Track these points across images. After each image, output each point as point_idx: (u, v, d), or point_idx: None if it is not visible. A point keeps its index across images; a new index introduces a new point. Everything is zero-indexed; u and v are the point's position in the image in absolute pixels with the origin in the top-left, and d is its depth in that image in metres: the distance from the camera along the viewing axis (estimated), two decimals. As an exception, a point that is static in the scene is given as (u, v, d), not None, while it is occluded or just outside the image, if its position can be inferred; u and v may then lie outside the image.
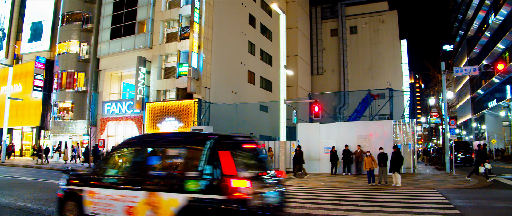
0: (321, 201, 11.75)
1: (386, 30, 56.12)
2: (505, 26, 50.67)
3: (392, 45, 55.68)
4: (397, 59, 55.63)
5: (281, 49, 18.88)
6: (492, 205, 10.70)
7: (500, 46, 52.00)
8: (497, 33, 54.75)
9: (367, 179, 17.08)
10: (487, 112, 61.42)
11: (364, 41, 56.63)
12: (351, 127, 23.18)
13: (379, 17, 56.65)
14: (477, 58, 66.85)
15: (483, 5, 59.76)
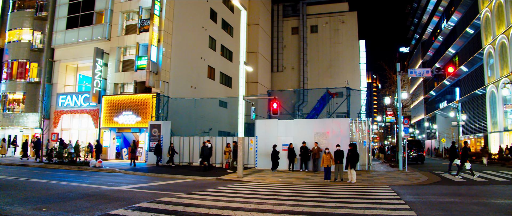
0: (278, 197, 11.86)
1: (346, 31, 57.36)
2: (455, 32, 53.09)
3: (351, 45, 56.97)
4: (355, 59, 56.96)
5: (241, 45, 18.85)
6: (438, 200, 11.19)
7: (451, 50, 54.44)
8: (448, 38, 57.29)
9: (324, 175, 17.42)
10: (438, 112, 64.14)
11: (324, 40, 57.61)
12: (309, 124, 23.52)
13: (340, 17, 57.79)
14: (430, 61, 69.63)
15: (436, 11, 62.35)
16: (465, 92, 50.42)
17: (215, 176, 18.69)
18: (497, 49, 38.56)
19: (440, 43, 62.06)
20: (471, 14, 46.72)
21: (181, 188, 14.00)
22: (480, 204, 10.39)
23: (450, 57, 56.93)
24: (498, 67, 38.38)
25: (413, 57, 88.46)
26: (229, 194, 12.62)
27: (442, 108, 61.88)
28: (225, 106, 39.60)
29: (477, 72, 45.78)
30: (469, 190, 13.81)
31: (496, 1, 38.47)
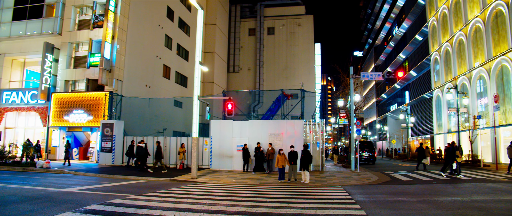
0: (232, 198, 11.89)
1: (302, 33, 58.27)
2: (406, 38, 55.29)
3: (307, 48, 57.92)
4: (310, 61, 57.96)
5: (197, 44, 18.72)
6: (387, 199, 11.63)
7: (402, 55, 56.67)
8: (399, 44, 59.58)
9: (278, 176, 17.62)
10: (389, 114, 66.46)
11: (281, 42, 58.24)
12: (264, 125, 23.71)
13: (296, 20, 58.63)
14: (382, 65, 72.04)
15: (388, 18, 64.68)
16: (414, 96, 52.61)
17: (169, 176, 18.47)
18: (442, 56, 40.57)
19: (392, 48, 64.46)
20: (420, 22, 48.85)
21: (133, 190, 13.72)
22: (425, 202, 10.88)
23: (400, 62, 59.23)
24: (443, 73, 40.40)
25: (366, 61, 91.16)
26: (182, 195, 12.51)
27: (392, 111, 64.23)
28: (180, 106, 39.16)
29: (425, 77, 47.91)
30: (416, 189, 14.42)
31: (441, 12, 40.54)
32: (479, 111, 32.23)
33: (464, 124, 30.44)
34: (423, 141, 49.60)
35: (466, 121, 30.60)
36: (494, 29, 30.19)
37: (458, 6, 36.57)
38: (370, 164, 34.00)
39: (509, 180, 17.11)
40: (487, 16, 30.78)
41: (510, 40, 27.69)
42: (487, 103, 30.96)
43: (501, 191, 13.30)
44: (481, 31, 32.01)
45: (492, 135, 26.81)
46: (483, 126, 30.56)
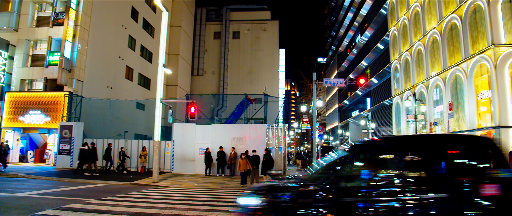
0: (193, 202, 11.79)
1: (267, 39, 58.65)
2: (368, 46, 56.79)
3: (272, 53, 58.35)
4: (275, 66, 58.41)
5: (161, 46, 18.49)
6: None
7: (364, 63, 58.13)
8: (362, 51, 61.10)
9: (241, 180, 17.62)
10: (351, 120, 67.86)
11: (246, 46, 58.40)
12: (227, 129, 23.68)
13: (262, 25, 58.97)
14: (345, 72, 73.58)
15: (352, 26, 66.22)
16: (375, 102, 54.00)
17: (130, 180, 18.10)
18: (402, 65, 41.92)
19: (354, 55, 66.00)
20: (381, 31, 50.32)
21: (92, 194, 13.36)
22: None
23: (363, 69, 60.71)
24: (403, 81, 41.73)
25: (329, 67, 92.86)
26: (142, 199, 12.29)
27: (354, 116, 65.65)
28: (142, 109, 38.51)
29: (386, 84, 49.31)
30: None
31: (402, 22, 41.96)
32: (436, 118, 33.47)
33: (422, 130, 31.52)
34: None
35: (423, 127, 31.73)
36: (449, 41, 31.50)
37: (417, 17, 37.92)
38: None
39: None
40: (443, 28, 32.09)
41: (463, 52, 29.00)
42: (442, 111, 32.21)
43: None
44: (438, 42, 33.32)
45: (447, 141, 27.82)
46: (439, 132, 31.76)
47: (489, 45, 25.84)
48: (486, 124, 27.04)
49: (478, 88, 27.83)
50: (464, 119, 29.03)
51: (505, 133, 24.94)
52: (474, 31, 28.14)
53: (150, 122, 31.86)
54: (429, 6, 35.62)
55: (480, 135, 27.22)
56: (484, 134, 27.16)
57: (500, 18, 26.05)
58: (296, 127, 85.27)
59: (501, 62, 25.40)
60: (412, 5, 39.21)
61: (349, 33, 69.31)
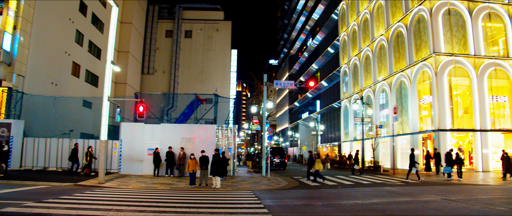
0: (139, 204, 11.53)
1: (220, 39, 58.45)
2: (319, 50, 58.03)
3: (224, 53, 58.20)
4: (227, 67, 58.31)
5: (109, 42, 17.92)
6: (294, 204, 12.08)
7: (315, 66, 59.34)
8: (313, 55, 62.34)
9: (189, 181, 17.44)
10: (301, 122, 69.04)
11: (198, 46, 57.87)
12: (176, 129, 23.37)
13: (214, 25, 58.68)
14: (296, 74, 74.76)
15: (304, 30, 67.41)
16: (324, 105, 55.23)
17: (74, 181, 17.41)
18: (351, 69, 43.19)
19: (306, 59, 67.25)
20: (332, 35, 51.57)
21: (32, 196, 12.70)
22: (330, 205, 11.48)
23: (313, 72, 61.95)
24: (351, 84, 43.01)
25: (281, 69, 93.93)
26: (86, 201, 11.85)
27: (304, 118, 66.86)
28: (89, 107, 37.18)
29: (335, 88, 50.58)
30: (322, 193, 15.14)
31: (352, 28, 43.32)
32: (381, 121, 34.77)
33: (368, 133, 32.63)
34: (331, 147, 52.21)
35: (370, 129, 32.85)
36: (395, 48, 32.87)
37: (367, 24, 39.25)
38: (281, 169, 34.95)
39: (404, 184, 18.65)
40: (390, 35, 33.43)
41: (408, 59, 30.40)
42: (388, 114, 33.53)
43: (396, 193, 14.44)
44: (385, 48, 34.66)
45: (391, 143, 29.06)
46: (384, 135, 33.03)
47: (431, 54, 27.18)
48: (427, 127, 28.42)
49: (420, 94, 29.21)
50: (408, 122, 30.34)
51: (443, 136, 26.35)
52: (418, 39, 29.50)
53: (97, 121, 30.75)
54: (377, 14, 36.94)
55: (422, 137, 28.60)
56: (425, 136, 28.57)
57: (440, 28, 27.51)
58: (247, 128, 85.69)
59: (441, 69, 26.79)
60: (362, 12, 40.53)
61: (301, 36, 70.54)
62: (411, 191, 15.36)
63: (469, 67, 27.38)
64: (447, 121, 26.58)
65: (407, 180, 20.69)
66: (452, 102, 27.39)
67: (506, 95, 28.28)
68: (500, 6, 29.04)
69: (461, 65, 27.26)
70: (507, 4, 29.24)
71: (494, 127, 27.56)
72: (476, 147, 26.63)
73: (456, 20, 28.05)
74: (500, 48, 29.39)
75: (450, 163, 21.35)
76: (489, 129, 27.17)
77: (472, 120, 27.21)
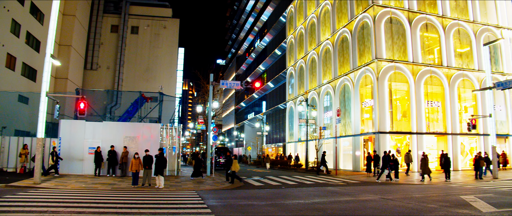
0: (78, 205, 11.09)
1: (167, 36, 57.41)
2: (266, 51, 58.67)
3: (170, 51, 57.24)
4: (173, 65, 57.42)
5: (49, 34, 17.05)
6: (238, 203, 12.14)
7: (261, 67, 59.92)
8: (260, 56, 62.91)
9: (132, 180, 17.01)
10: (246, 122, 69.41)
11: (144, 43, 56.51)
12: (119, 128, 22.72)
13: (162, 22, 57.56)
14: (243, 74, 75.11)
15: (252, 30, 67.90)
16: (270, 106, 55.89)
17: (5, 182, 16.40)
18: (297, 71, 44.06)
19: (253, 59, 67.73)
20: (280, 38, 52.32)
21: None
22: (273, 205, 11.63)
23: (260, 73, 62.52)
24: (297, 86, 43.88)
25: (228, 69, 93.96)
26: (18, 203, 11.20)
27: (250, 119, 67.27)
28: (26, 102, 35.20)
29: (281, 89, 51.33)
30: (266, 193, 15.31)
31: (299, 31, 44.21)
32: (325, 123, 35.75)
33: (312, 134, 33.38)
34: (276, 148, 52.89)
35: (314, 131, 33.61)
36: (340, 52, 33.93)
37: (313, 28, 40.20)
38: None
39: (345, 184, 19.29)
40: (336, 40, 34.47)
41: (352, 63, 31.50)
42: (331, 116, 34.53)
43: (338, 193, 14.91)
44: (330, 52, 35.67)
45: (334, 144, 29.94)
46: (328, 136, 33.95)
47: (373, 59, 28.32)
48: (368, 129, 29.57)
49: (362, 97, 30.34)
50: (350, 124, 31.41)
51: (383, 138, 27.52)
52: (362, 45, 30.63)
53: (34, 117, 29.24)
54: (324, 19, 37.94)
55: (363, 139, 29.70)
56: (366, 138, 29.71)
57: (382, 35, 28.77)
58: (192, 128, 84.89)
59: (382, 74, 27.98)
60: (309, 16, 41.45)
61: (249, 37, 70.96)
62: (352, 191, 15.92)
63: (408, 73, 28.83)
64: (387, 123, 27.81)
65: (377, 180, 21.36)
66: (391, 106, 28.70)
67: (439, 100, 30.05)
68: (436, 18, 30.90)
69: (400, 71, 28.64)
70: (442, 17, 31.14)
71: (428, 130, 29.20)
72: (413, 148, 28.05)
73: (397, 29, 29.45)
74: (435, 57, 31.22)
75: (388, 164, 22.33)
76: (424, 132, 28.75)
77: (410, 123, 28.67)
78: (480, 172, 22.54)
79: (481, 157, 23.26)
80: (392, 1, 29.94)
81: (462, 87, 31.23)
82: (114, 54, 54.85)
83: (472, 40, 32.17)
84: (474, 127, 24.76)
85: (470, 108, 31.87)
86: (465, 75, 31.22)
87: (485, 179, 22.17)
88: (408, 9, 30.04)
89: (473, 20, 32.60)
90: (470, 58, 32.08)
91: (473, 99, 31.65)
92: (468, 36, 32.18)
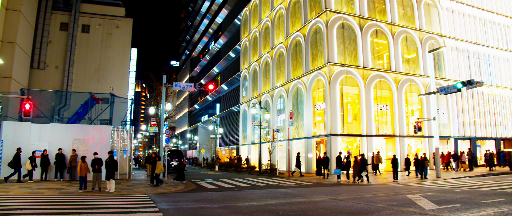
0: (22, 212, 10.59)
1: (119, 36, 55.95)
2: (220, 53, 58.68)
3: (123, 51, 55.82)
4: (125, 66, 56.03)
5: (-8, 34, 16.23)
6: (190, 207, 12.05)
7: (216, 70, 59.82)
8: (214, 58, 62.83)
9: (81, 185, 16.43)
10: (200, 124, 68.98)
11: (96, 42, 54.78)
12: (68, 130, 21.90)
13: (114, 21, 56.03)
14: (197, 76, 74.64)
15: (207, 32, 67.71)
16: (224, 108, 55.86)
17: None
18: (251, 74, 44.34)
19: (207, 61, 67.50)
20: (234, 40, 52.48)
21: None
22: (225, 208, 11.64)
23: (214, 76, 62.36)
24: (251, 89, 44.14)
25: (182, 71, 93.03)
26: (-44, 208, 10.59)
27: (203, 121, 66.92)
28: (-36, 103, 33.14)
29: (235, 92, 51.45)
30: (219, 195, 15.29)
31: (253, 34, 44.55)
32: (278, 125, 36.18)
33: (266, 136, 33.71)
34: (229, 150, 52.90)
35: (267, 133, 33.96)
36: (293, 56, 34.50)
37: (268, 31, 40.62)
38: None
39: (297, 186, 19.62)
40: (289, 44, 35.01)
41: (304, 67, 32.12)
42: (284, 119, 35.00)
43: (290, 195, 15.14)
44: (284, 56, 36.17)
45: (287, 146, 30.37)
46: (281, 139, 34.38)
47: (326, 63, 29.00)
48: (320, 132, 30.21)
49: (315, 100, 30.98)
50: (303, 127, 31.96)
51: (335, 140, 28.22)
52: (315, 49, 31.30)
53: (-27, 118, 27.62)
54: (278, 23, 38.43)
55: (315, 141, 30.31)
56: (318, 141, 30.34)
57: (335, 40, 29.56)
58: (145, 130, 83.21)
59: (334, 78, 28.72)
60: (264, 19, 41.85)
61: (204, 39, 70.67)
62: (304, 192, 16.22)
63: (359, 77, 29.76)
64: (338, 126, 28.54)
65: (354, 182, 21.73)
66: (343, 109, 29.50)
67: (388, 104, 31.23)
68: (385, 25, 32.14)
69: (351, 76, 29.51)
70: (391, 24, 32.44)
71: (378, 132, 30.26)
72: (363, 150, 28.96)
73: (349, 34, 30.35)
74: (384, 62, 32.44)
75: (339, 165, 22.97)
76: (374, 134, 29.76)
77: (360, 125, 29.58)
78: (425, 172, 23.68)
79: (425, 157, 24.45)
80: (344, 7, 30.83)
81: (409, 91, 32.65)
82: (63, 53, 52.76)
83: (418, 47, 33.73)
84: (420, 129, 25.95)
85: (416, 111, 33.35)
86: (412, 80, 32.65)
87: (429, 178, 23.29)
88: (360, 16, 31.03)
89: (419, 28, 34.18)
90: (416, 64, 33.60)
91: (419, 103, 33.16)
92: (414, 43, 33.71)
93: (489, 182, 20.67)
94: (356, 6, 31.23)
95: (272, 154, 32.50)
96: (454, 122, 34.83)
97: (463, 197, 13.62)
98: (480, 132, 36.92)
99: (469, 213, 10.11)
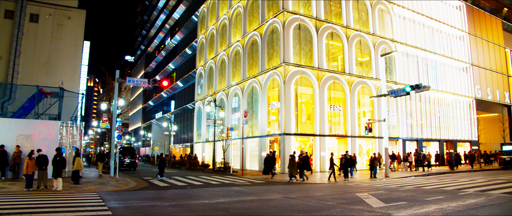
0: (-42, 208, 10.01)
1: (71, 28, 53.74)
2: (177, 50, 57.96)
3: (75, 44, 53.69)
4: (77, 59, 53.92)
5: None
6: (141, 205, 11.81)
7: (171, 66, 59.02)
8: (170, 54, 61.97)
9: (25, 183, 15.68)
10: (154, 121, 67.86)
11: (45, 33, 52.35)
12: (12, 125, 20.85)
13: (66, 12, 53.73)
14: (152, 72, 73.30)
15: (163, 28, 66.66)
16: (178, 105, 55.22)
17: None
18: (206, 71, 44.10)
19: (163, 57, 66.43)
20: (191, 37, 51.94)
21: None
22: (177, 206, 11.51)
23: (169, 72, 61.50)
24: (206, 87, 43.91)
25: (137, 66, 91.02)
26: None
27: (157, 118, 65.87)
28: None
29: (190, 89, 50.98)
30: (171, 193, 15.09)
31: (210, 31, 44.32)
32: (233, 124, 36.19)
33: (220, 135, 33.61)
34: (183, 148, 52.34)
35: (221, 132, 33.87)
36: (249, 55, 34.61)
37: (225, 29, 40.50)
38: (131, 170, 33.88)
39: (250, 184, 19.72)
40: (246, 42, 35.10)
41: (260, 66, 32.31)
42: (239, 117, 35.07)
43: (243, 193, 15.19)
44: (240, 54, 36.21)
45: (241, 145, 30.45)
46: (235, 137, 34.41)
47: (281, 63, 29.32)
48: (274, 131, 30.51)
49: (270, 100, 31.24)
50: (257, 126, 32.15)
51: (288, 140, 28.60)
52: (271, 49, 31.54)
53: None
54: (235, 21, 38.43)
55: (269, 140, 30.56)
56: (272, 140, 30.63)
57: (291, 41, 29.94)
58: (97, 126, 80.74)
59: (289, 78, 29.09)
60: (221, 17, 41.72)
61: (160, 34, 69.54)
62: (257, 191, 16.31)
63: (313, 78, 30.31)
64: (292, 126, 28.94)
65: (329, 180, 21.89)
66: (297, 109, 29.93)
67: (341, 105, 32.03)
68: (340, 28, 32.93)
69: (306, 76, 30.01)
70: (346, 27, 33.27)
71: (331, 132, 30.96)
72: (315, 150, 29.52)
73: (305, 35, 30.82)
74: (339, 64, 33.23)
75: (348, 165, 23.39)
76: (327, 134, 30.42)
77: (313, 125, 30.14)
78: (374, 171, 24.49)
79: (375, 157, 25.33)
80: (301, 9, 31.27)
81: (362, 93, 33.65)
82: (8, 43, 50.04)
83: (371, 51, 34.82)
84: (371, 130, 26.81)
85: (368, 113, 34.43)
86: (365, 83, 33.66)
87: (379, 177, 24.10)
88: (316, 18, 31.60)
89: (372, 32, 35.30)
90: (369, 67, 34.67)
91: (371, 105, 34.24)
92: (368, 47, 34.76)
93: (432, 180, 21.70)
94: (313, 8, 31.77)
95: (226, 152, 32.47)
96: (402, 123, 36.25)
97: (408, 195, 14.21)
98: (426, 134, 38.70)
99: (412, 210, 10.56)
